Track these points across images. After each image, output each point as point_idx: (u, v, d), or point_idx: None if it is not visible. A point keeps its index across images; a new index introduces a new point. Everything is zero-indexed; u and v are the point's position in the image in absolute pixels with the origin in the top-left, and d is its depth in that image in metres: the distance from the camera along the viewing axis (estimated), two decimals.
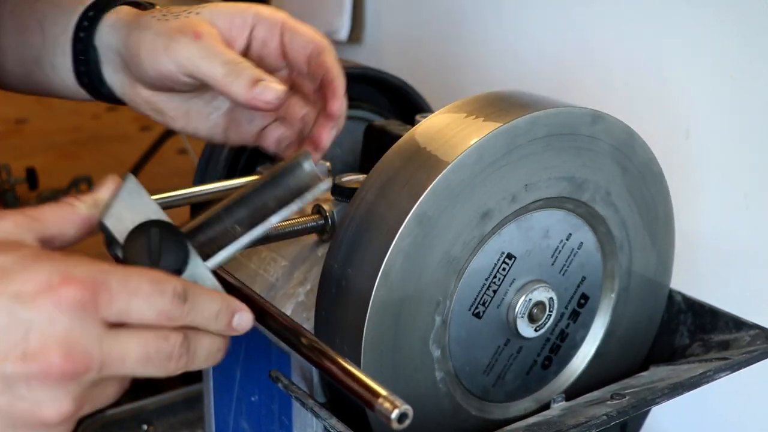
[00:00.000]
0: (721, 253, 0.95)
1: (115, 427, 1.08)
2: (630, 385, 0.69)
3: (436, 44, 1.32)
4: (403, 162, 0.66)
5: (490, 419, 0.72)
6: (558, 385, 0.76)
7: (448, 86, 1.29)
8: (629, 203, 0.74)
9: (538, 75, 1.15)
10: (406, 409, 0.50)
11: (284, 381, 0.67)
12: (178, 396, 1.12)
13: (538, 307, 0.70)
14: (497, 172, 0.65)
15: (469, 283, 0.67)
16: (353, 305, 0.64)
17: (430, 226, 0.63)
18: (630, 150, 0.72)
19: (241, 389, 0.81)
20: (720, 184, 0.94)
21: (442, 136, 0.66)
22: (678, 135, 0.97)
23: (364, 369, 0.60)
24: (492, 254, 0.68)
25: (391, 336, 0.64)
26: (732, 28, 0.90)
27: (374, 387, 0.52)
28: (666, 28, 0.97)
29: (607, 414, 0.64)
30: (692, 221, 0.95)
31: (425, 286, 0.65)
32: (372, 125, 0.88)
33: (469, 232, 0.65)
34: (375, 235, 0.64)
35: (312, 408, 0.64)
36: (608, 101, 1.03)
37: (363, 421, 0.66)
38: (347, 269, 0.65)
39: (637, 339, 0.79)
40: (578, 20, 1.07)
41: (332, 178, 0.78)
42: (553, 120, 0.67)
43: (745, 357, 0.71)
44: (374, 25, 1.44)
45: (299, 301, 0.73)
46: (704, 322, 0.79)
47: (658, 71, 0.99)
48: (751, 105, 0.90)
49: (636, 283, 0.77)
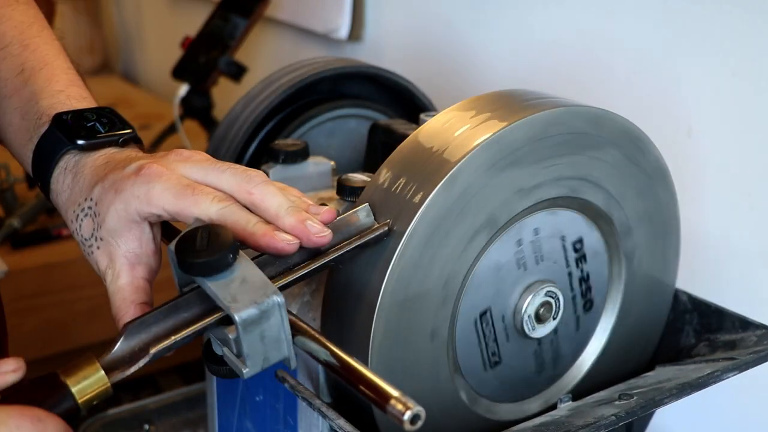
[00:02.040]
0: (725, 253, 0.95)
1: (117, 426, 1.08)
2: (637, 385, 0.69)
3: (437, 43, 1.31)
4: (410, 161, 0.66)
5: (498, 420, 0.72)
6: (564, 385, 0.75)
7: (448, 85, 1.29)
8: (635, 203, 0.74)
9: (539, 74, 1.15)
10: (418, 410, 0.49)
11: (291, 381, 0.66)
12: (180, 395, 1.12)
13: (545, 307, 0.70)
14: (504, 172, 0.65)
15: (477, 282, 0.67)
16: (361, 305, 0.64)
17: (438, 225, 0.63)
18: (637, 150, 0.72)
19: (246, 389, 0.81)
20: (723, 183, 0.94)
21: (449, 135, 0.65)
22: (680, 134, 0.97)
23: (371, 369, 0.60)
24: (499, 253, 0.67)
25: (398, 335, 0.64)
26: (735, 26, 0.90)
27: (386, 388, 0.52)
28: (668, 27, 0.97)
29: (615, 414, 0.63)
30: (695, 220, 0.95)
31: (432, 285, 0.64)
32: (377, 124, 0.88)
33: (476, 231, 0.65)
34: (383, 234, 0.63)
35: (319, 408, 0.64)
36: (610, 100, 1.03)
37: (370, 421, 0.66)
38: (354, 269, 0.64)
39: (643, 339, 0.79)
40: (580, 18, 1.07)
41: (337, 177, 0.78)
42: (559, 119, 0.67)
43: (752, 357, 0.71)
44: (374, 23, 1.44)
45: (305, 301, 0.73)
46: (710, 322, 0.79)
47: (660, 70, 0.99)
48: (754, 103, 0.90)
49: (642, 283, 0.76)
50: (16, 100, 0.74)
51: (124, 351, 0.58)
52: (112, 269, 0.66)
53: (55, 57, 0.77)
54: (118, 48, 2.51)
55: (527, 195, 0.67)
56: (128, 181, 0.64)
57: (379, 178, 0.66)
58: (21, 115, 0.74)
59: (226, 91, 1.61)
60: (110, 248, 0.66)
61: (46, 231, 1.39)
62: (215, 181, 0.64)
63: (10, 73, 0.75)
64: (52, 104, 0.72)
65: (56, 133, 0.70)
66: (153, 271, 0.67)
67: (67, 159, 0.70)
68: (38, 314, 1.30)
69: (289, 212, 0.62)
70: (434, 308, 0.65)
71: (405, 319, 0.64)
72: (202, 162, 0.66)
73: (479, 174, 0.64)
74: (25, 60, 0.75)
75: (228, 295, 0.57)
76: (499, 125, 0.64)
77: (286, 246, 0.61)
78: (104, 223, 0.65)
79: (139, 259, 0.66)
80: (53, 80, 0.74)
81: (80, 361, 0.57)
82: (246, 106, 0.91)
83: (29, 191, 1.45)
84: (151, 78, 2.35)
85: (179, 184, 0.63)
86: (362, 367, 0.55)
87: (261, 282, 0.58)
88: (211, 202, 0.62)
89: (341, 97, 0.95)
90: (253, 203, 0.63)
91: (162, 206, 0.63)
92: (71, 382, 0.56)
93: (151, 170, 0.64)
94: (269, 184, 0.64)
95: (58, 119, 0.71)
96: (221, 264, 0.57)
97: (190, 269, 0.58)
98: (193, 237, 0.58)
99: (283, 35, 1.69)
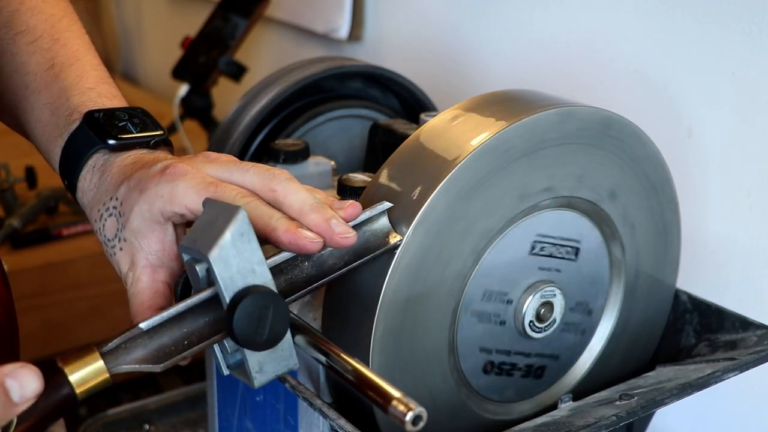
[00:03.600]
0: (725, 253, 0.95)
1: (117, 426, 1.08)
2: (637, 385, 0.69)
3: (437, 42, 1.31)
4: (411, 162, 0.65)
5: (498, 419, 0.72)
6: (564, 385, 0.75)
7: (448, 84, 1.29)
8: (636, 203, 0.74)
9: (540, 73, 1.15)
10: (420, 411, 0.49)
11: (291, 381, 0.66)
12: (180, 395, 1.12)
13: (546, 308, 0.70)
14: (505, 172, 0.65)
15: (478, 283, 0.67)
16: (362, 305, 0.64)
17: (439, 226, 0.63)
18: (637, 150, 0.72)
19: (246, 389, 0.81)
20: (723, 183, 0.94)
21: (450, 135, 0.65)
22: (680, 134, 0.97)
23: (373, 369, 0.60)
24: (500, 254, 0.67)
25: (400, 336, 0.64)
26: (735, 26, 0.90)
27: (387, 389, 0.52)
28: (668, 27, 0.97)
29: (616, 415, 0.63)
30: (695, 220, 0.95)
31: (433, 285, 0.64)
32: (377, 124, 0.88)
33: (476, 231, 0.65)
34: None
35: (320, 408, 0.64)
36: (610, 100, 1.03)
37: (370, 421, 0.66)
38: (355, 268, 0.64)
39: (643, 339, 0.79)
40: (581, 18, 1.07)
41: (338, 177, 0.78)
42: (560, 119, 0.67)
43: (753, 357, 0.71)
44: (374, 23, 1.44)
45: (305, 301, 0.73)
46: (710, 322, 0.79)
47: (660, 70, 0.99)
48: (754, 103, 0.90)
49: (642, 283, 0.76)
50: (46, 96, 0.74)
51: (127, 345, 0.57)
52: (133, 272, 0.66)
53: (85, 52, 0.77)
54: (118, 48, 2.50)
55: (528, 195, 0.67)
56: (153, 181, 0.64)
57: (380, 178, 0.66)
58: (51, 111, 0.73)
59: (226, 91, 1.61)
60: (132, 250, 0.65)
61: (46, 231, 1.39)
62: (239, 179, 0.64)
63: (39, 68, 0.75)
64: (83, 101, 0.72)
65: (87, 131, 0.70)
66: (174, 274, 0.66)
67: (96, 158, 0.70)
68: (38, 314, 1.30)
69: (314, 209, 0.61)
70: (435, 309, 0.65)
71: (406, 320, 0.64)
72: (227, 163, 0.65)
73: (480, 175, 0.64)
74: (55, 55, 0.75)
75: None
76: (499, 125, 0.64)
77: (308, 244, 0.60)
78: (128, 223, 0.65)
79: (161, 262, 0.65)
80: (84, 77, 0.74)
81: (80, 349, 0.57)
82: (246, 106, 0.91)
83: (29, 191, 1.46)
84: (151, 78, 2.35)
85: (203, 182, 0.63)
86: (363, 367, 0.55)
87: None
88: (234, 198, 0.61)
89: (342, 96, 0.95)
90: (276, 200, 0.62)
91: (185, 204, 0.63)
92: (69, 370, 0.55)
93: (176, 169, 0.64)
94: (293, 182, 0.63)
95: (89, 117, 0.70)
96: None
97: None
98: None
99: (283, 35, 1.69)
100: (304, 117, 0.92)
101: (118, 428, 1.08)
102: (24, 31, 0.76)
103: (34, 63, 0.75)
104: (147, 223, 0.64)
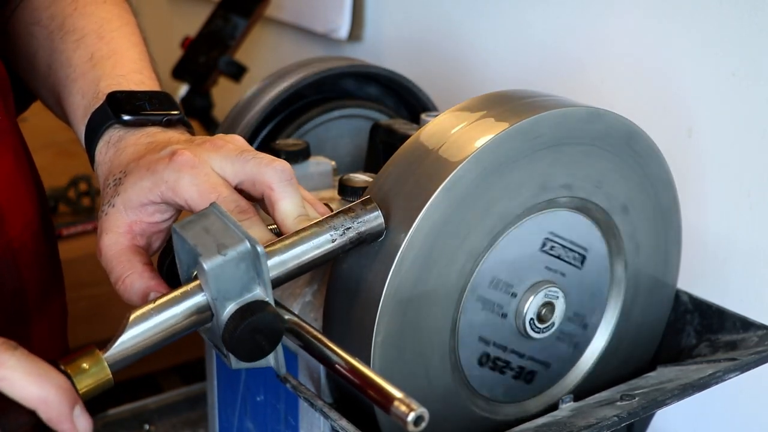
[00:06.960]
0: (725, 253, 0.95)
1: (117, 426, 1.08)
2: (639, 385, 0.69)
3: (437, 42, 1.31)
4: (412, 162, 0.65)
5: (499, 420, 0.72)
6: (565, 385, 0.75)
7: (448, 85, 1.29)
8: (644, 223, 0.74)
9: (540, 73, 1.15)
10: (422, 411, 0.49)
11: (293, 381, 0.66)
12: (180, 395, 1.12)
13: (548, 308, 0.70)
14: (505, 173, 0.65)
15: (480, 283, 0.67)
16: (363, 304, 0.64)
17: (439, 227, 0.63)
18: (638, 150, 0.72)
19: (247, 389, 0.81)
20: (723, 183, 0.94)
21: (451, 136, 0.65)
22: (680, 134, 0.97)
23: (374, 369, 0.60)
24: (500, 254, 0.67)
25: (401, 336, 0.64)
26: (735, 26, 0.90)
27: (389, 389, 0.52)
28: (668, 27, 0.97)
29: (617, 415, 0.63)
30: (695, 220, 0.95)
31: (435, 285, 0.64)
32: (378, 124, 0.88)
33: (478, 232, 0.65)
34: (385, 235, 0.63)
35: (321, 409, 0.64)
36: (610, 100, 1.03)
37: (371, 421, 0.66)
38: (357, 268, 0.64)
39: (644, 339, 0.79)
40: (581, 18, 1.07)
41: (338, 177, 0.78)
42: (561, 120, 0.67)
43: (753, 357, 0.71)
44: (374, 23, 1.44)
45: (306, 300, 0.73)
46: (711, 323, 0.79)
47: (660, 70, 0.99)
48: (754, 103, 0.90)
49: (643, 284, 0.76)
50: (81, 83, 0.78)
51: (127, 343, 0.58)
52: (113, 233, 0.67)
53: (127, 49, 0.80)
54: None
55: (548, 188, 0.67)
56: (161, 164, 0.66)
57: (381, 178, 0.66)
58: (82, 95, 0.77)
59: (226, 91, 1.61)
60: (118, 215, 0.67)
61: None
62: (239, 170, 0.66)
63: (80, 60, 0.79)
64: (110, 84, 0.76)
65: (105, 108, 0.73)
66: (152, 249, 0.69)
67: (111, 133, 0.73)
68: None
69: (294, 224, 0.64)
70: (436, 309, 0.65)
71: (407, 320, 0.64)
72: (231, 152, 0.67)
73: (481, 175, 0.64)
74: (96, 49, 0.79)
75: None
76: (501, 126, 0.64)
77: None
78: (125, 192, 0.67)
79: (143, 232, 0.68)
80: (118, 66, 0.78)
81: (82, 351, 0.57)
82: (246, 106, 0.91)
83: None
84: None
85: (207, 182, 0.65)
86: (365, 368, 0.55)
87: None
88: (232, 213, 0.63)
89: (342, 97, 0.95)
90: (270, 199, 0.65)
91: (186, 199, 0.65)
92: (71, 371, 0.56)
93: (183, 159, 0.65)
94: (290, 185, 0.65)
95: (111, 97, 0.74)
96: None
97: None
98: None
99: (283, 35, 1.69)
100: (305, 117, 0.92)
101: (118, 428, 1.08)
102: (72, 30, 0.81)
103: (77, 57, 0.79)
104: (143, 199, 0.66)
